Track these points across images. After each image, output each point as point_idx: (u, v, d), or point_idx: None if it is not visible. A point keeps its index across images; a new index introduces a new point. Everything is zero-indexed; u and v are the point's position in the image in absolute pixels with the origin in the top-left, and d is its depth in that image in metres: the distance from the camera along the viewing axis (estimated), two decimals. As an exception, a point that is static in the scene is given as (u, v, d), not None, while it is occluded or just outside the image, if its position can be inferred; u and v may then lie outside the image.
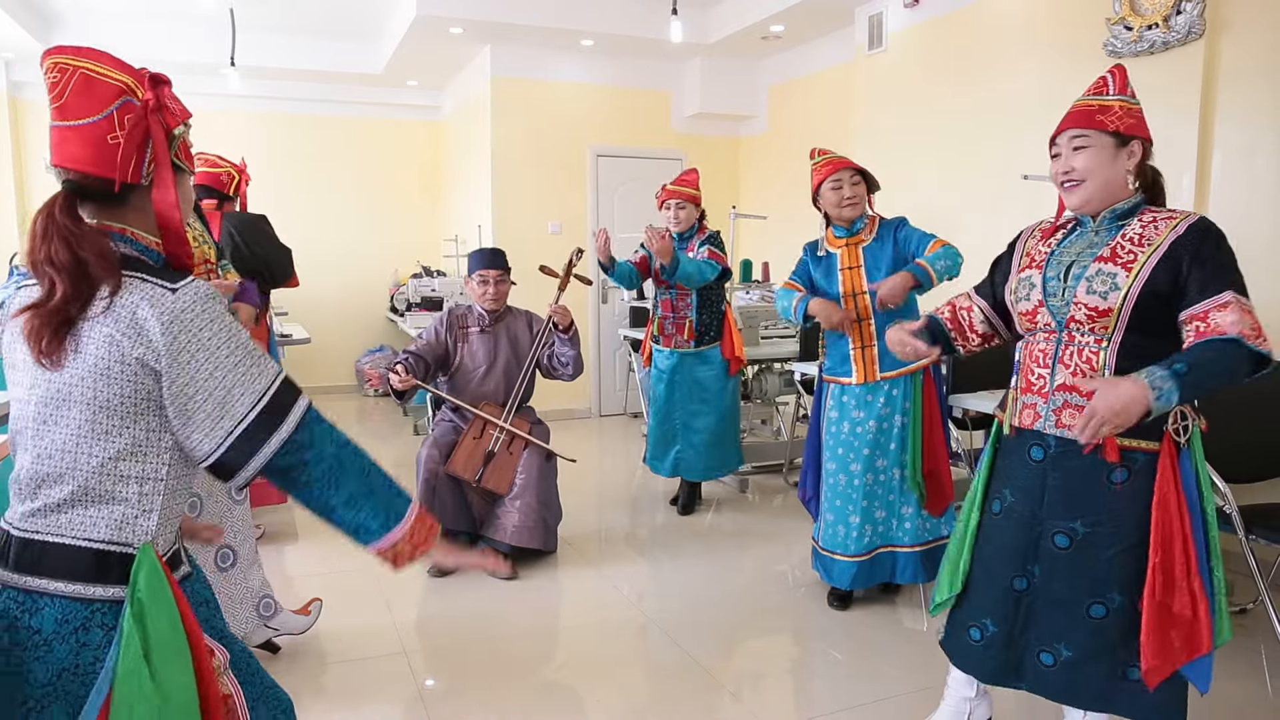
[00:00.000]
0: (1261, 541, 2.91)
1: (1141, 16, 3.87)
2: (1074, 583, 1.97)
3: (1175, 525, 1.85)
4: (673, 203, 4.30)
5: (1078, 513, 1.95)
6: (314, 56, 7.42)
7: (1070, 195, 1.97)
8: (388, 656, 2.97)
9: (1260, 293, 3.65)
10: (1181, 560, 1.85)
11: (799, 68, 6.75)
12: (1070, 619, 1.98)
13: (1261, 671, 2.86)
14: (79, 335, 1.22)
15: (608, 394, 7.41)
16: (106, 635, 1.23)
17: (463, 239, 7.67)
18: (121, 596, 1.23)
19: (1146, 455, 1.89)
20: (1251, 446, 3.17)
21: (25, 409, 1.27)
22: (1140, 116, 1.96)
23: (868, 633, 3.15)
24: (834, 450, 3.30)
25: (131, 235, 1.30)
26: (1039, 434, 2.00)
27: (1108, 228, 1.96)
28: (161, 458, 1.27)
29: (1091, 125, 1.93)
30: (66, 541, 1.23)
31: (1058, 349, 1.97)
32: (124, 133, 1.26)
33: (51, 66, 1.28)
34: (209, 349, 1.23)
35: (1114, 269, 1.89)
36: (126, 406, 1.23)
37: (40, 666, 1.22)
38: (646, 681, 2.90)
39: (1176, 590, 1.85)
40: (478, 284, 3.87)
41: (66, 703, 1.22)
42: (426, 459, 3.71)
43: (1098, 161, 1.92)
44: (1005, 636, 2.09)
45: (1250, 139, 3.62)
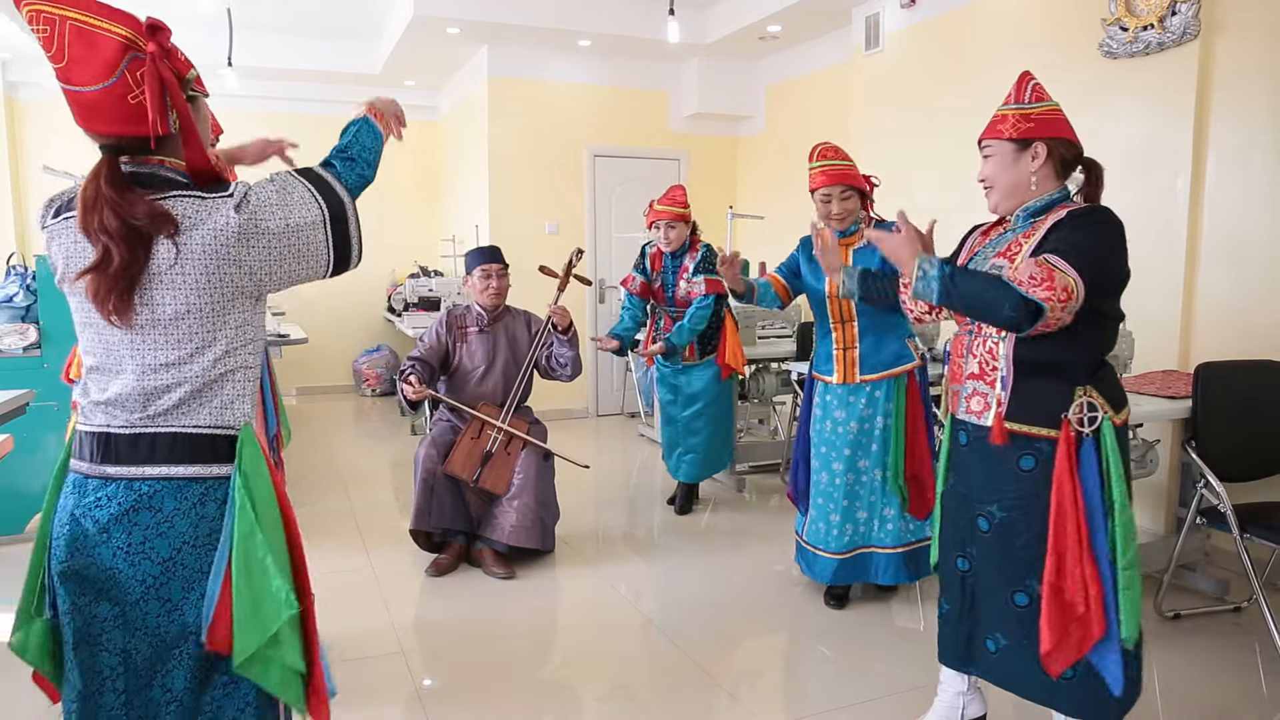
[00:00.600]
0: (1256, 540, 2.93)
1: (1137, 17, 3.88)
2: (999, 569, 2.08)
3: (1068, 512, 1.94)
4: (663, 223, 4.28)
5: (994, 497, 2.06)
6: (311, 57, 7.42)
7: (987, 198, 2.14)
8: (385, 656, 2.97)
9: (1254, 292, 3.70)
10: (1075, 547, 1.93)
11: (796, 68, 6.75)
12: (1000, 607, 2.08)
13: (1256, 670, 2.87)
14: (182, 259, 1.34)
15: (605, 394, 7.41)
16: (219, 508, 1.41)
17: (460, 239, 7.67)
18: (230, 473, 1.41)
19: (1051, 444, 1.98)
20: (1247, 447, 3.19)
21: (111, 337, 1.39)
22: (1042, 118, 2.05)
23: (863, 632, 3.16)
24: (818, 448, 3.33)
25: (169, 165, 1.42)
26: (961, 421, 2.14)
27: (1021, 225, 2.08)
28: (249, 347, 1.45)
29: (991, 135, 2.11)
30: (176, 430, 1.39)
31: (970, 340, 2.12)
32: (142, 90, 1.33)
33: (34, 15, 1.28)
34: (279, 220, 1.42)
35: (1003, 262, 2.01)
36: (224, 306, 1.39)
37: (163, 543, 1.38)
38: (644, 680, 2.90)
39: (1068, 577, 1.93)
40: (480, 279, 3.87)
41: (182, 577, 1.39)
42: (424, 459, 3.71)
43: (999, 167, 2.08)
44: (956, 615, 2.21)
45: (1245, 140, 3.63)
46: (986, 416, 2.05)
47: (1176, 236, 3.82)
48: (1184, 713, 2.62)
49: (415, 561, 3.81)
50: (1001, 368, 2.02)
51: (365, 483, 5.26)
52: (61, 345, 4.04)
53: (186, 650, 1.42)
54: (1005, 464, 2.04)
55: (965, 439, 2.14)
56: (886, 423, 3.21)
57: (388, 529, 4.32)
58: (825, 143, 3.32)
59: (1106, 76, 4.05)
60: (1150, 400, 3.31)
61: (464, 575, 3.71)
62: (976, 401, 2.08)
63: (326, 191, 1.48)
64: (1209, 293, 3.78)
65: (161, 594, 1.39)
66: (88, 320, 1.41)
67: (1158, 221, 3.89)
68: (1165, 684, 2.78)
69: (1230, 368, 3.23)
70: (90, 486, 1.40)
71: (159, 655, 1.41)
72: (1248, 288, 3.64)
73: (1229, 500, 2.98)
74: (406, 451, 5.88)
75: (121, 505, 1.37)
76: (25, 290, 4.15)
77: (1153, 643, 3.05)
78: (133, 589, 1.38)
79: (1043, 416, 1.98)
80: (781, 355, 5.31)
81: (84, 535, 1.38)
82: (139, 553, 1.37)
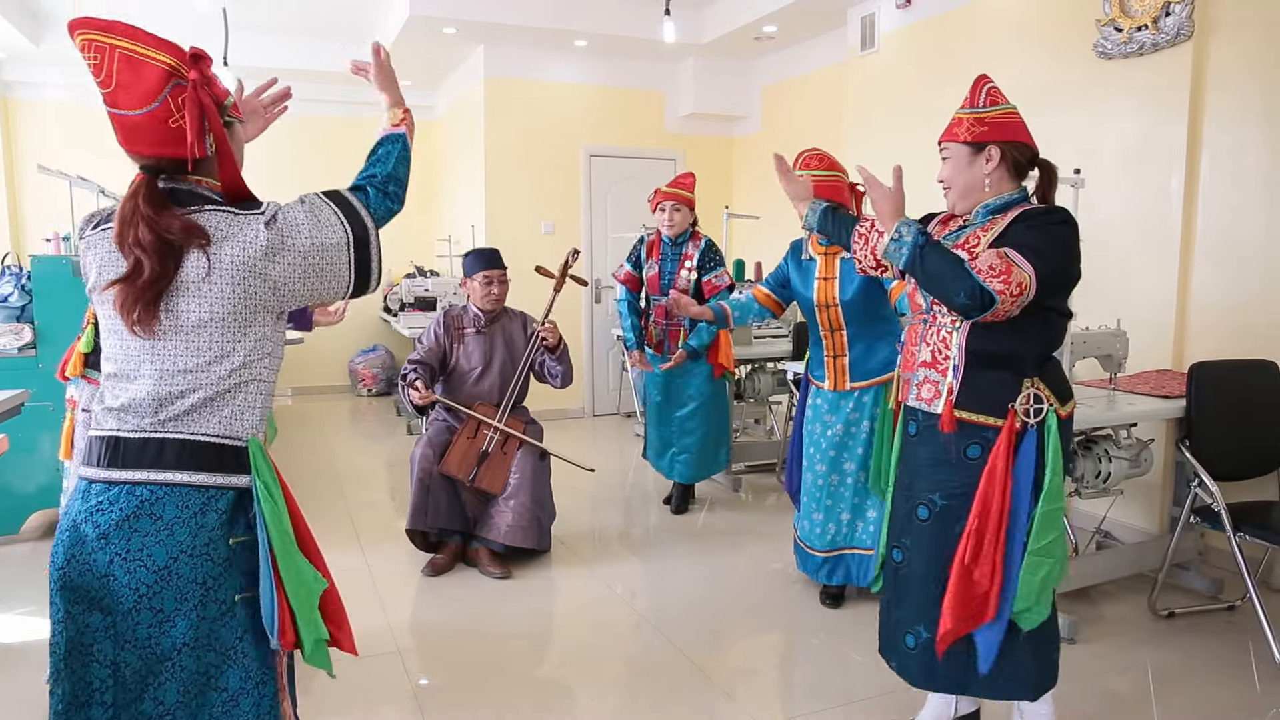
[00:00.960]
0: (1249, 539, 2.94)
1: (1131, 18, 3.89)
2: (931, 556, 2.11)
3: (996, 496, 2.00)
4: (668, 205, 4.30)
5: (938, 486, 2.10)
6: (307, 56, 7.40)
7: (945, 198, 2.20)
8: (382, 655, 2.97)
9: (1248, 291, 3.71)
10: (994, 532, 1.99)
11: (792, 68, 6.76)
12: (926, 596, 2.11)
13: (1249, 668, 2.88)
14: (211, 270, 1.40)
15: (601, 394, 7.41)
16: (219, 518, 1.42)
17: (456, 239, 7.67)
18: (233, 484, 1.44)
19: (997, 433, 2.03)
20: (1240, 446, 3.20)
21: (132, 345, 1.43)
22: (996, 122, 2.11)
23: (860, 630, 3.17)
24: (807, 448, 3.38)
25: (205, 184, 1.48)
26: (912, 409, 2.18)
27: (981, 220, 2.13)
28: (265, 363, 1.49)
29: (947, 137, 2.17)
30: (185, 438, 1.42)
31: (924, 329, 2.17)
32: (182, 114, 1.41)
33: (86, 44, 1.38)
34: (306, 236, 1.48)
35: (962, 255, 2.03)
36: (246, 318, 1.43)
37: (161, 550, 1.39)
38: (640, 679, 2.91)
39: (982, 558, 2.00)
40: (481, 284, 3.86)
41: (175, 587, 1.40)
42: (421, 458, 3.72)
43: (954, 169, 2.15)
44: (886, 607, 2.27)
45: (1239, 139, 3.65)
46: (937, 404, 2.09)
47: (1171, 236, 3.83)
48: (1178, 709, 2.63)
49: (411, 561, 3.81)
50: (954, 357, 2.07)
51: (361, 483, 5.26)
52: (56, 345, 4.03)
53: (180, 663, 1.42)
54: (955, 453, 2.08)
55: (915, 429, 2.18)
56: (872, 425, 3.23)
57: (384, 529, 4.32)
58: (812, 150, 3.30)
59: (1101, 77, 4.06)
60: (1145, 400, 3.33)
61: (460, 575, 3.71)
62: (927, 389, 2.13)
63: (353, 217, 1.54)
64: (1203, 292, 3.79)
65: (154, 603, 1.40)
66: (113, 328, 1.45)
67: (1152, 221, 3.91)
68: (1159, 681, 2.79)
69: (1224, 367, 3.24)
70: (94, 491, 1.41)
71: (149, 668, 1.42)
72: (1242, 287, 3.66)
73: (1222, 499, 3.00)
74: (402, 451, 5.88)
75: (123, 510, 1.39)
76: (20, 290, 4.14)
77: (1147, 641, 3.07)
78: (125, 597, 1.39)
79: (991, 406, 2.04)
80: (777, 355, 5.32)
81: (82, 541, 1.40)
82: (135, 559, 1.38)
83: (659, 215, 4.34)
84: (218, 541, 1.42)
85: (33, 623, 3.22)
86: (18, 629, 3.19)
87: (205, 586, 1.42)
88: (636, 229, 6.57)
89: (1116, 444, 3.25)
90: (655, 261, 4.42)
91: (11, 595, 3.47)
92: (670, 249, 4.37)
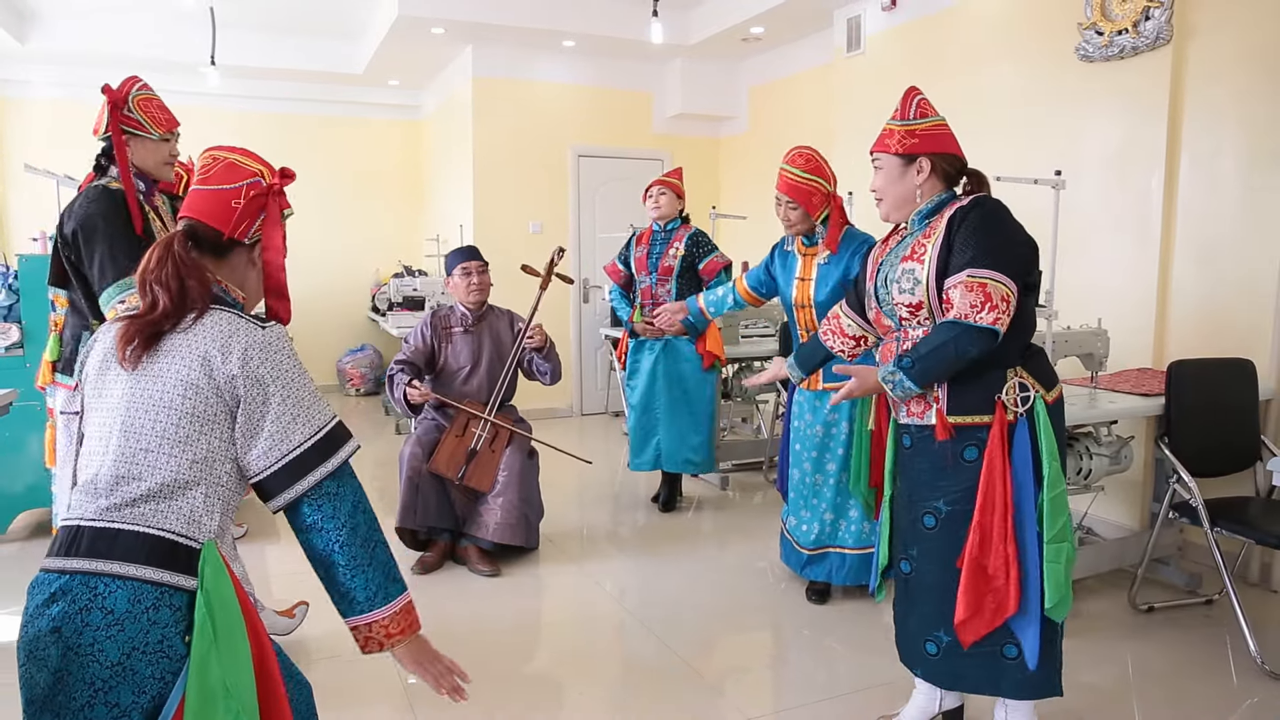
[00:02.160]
0: (1226, 534, 2.99)
1: (1112, 22, 3.95)
2: (942, 561, 2.12)
3: (998, 488, 2.02)
4: (655, 189, 4.41)
5: (941, 493, 2.12)
6: (294, 55, 7.40)
7: (878, 208, 2.24)
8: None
9: (1226, 291, 3.77)
10: (1001, 523, 2.01)
11: (779, 69, 6.80)
12: (944, 601, 2.11)
13: (1227, 660, 2.93)
14: (175, 349, 1.43)
15: (589, 393, 7.44)
16: (174, 615, 1.35)
17: (444, 238, 7.68)
18: (185, 585, 1.37)
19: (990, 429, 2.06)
20: (1218, 443, 3.26)
21: (110, 418, 1.44)
22: (926, 134, 2.15)
23: (846, 626, 3.20)
24: (793, 445, 3.44)
25: (224, 285, 1.56)
26: (903, 425, 2.21)
27: (918, 227, 2.17)
28: (225, 467, 1.45)
29: (879, 149, 2.21)
30: (140, 529, 1.37)
31: (898, 345, 2.19)
32: (243, 202, 1.56)
33: (210, 159, 1.61)
34: (284, 381, 1.46)
35: (913, 265, 2.10)
36: (206, 417, 1.42)
37: (112, 645, 1.32)
38: (629, 676, 2.94)
39: (992, 551, 2.01)
40: (460, 276, 3.89)
41: (133, 683, 1.33)
42: (409, 457, 3.73)
43: (887, 180, 2.19)
44: (901, 618, 2.28)
45: (1216, 142, 3.71)
46: (929, 416, 2.11)
47: (1151, 236, 3.89)
48: (1156, 702, 2.68)
49: (400, 559, 3.80)
50: None
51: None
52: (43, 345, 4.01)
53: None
54: (949, 458, 2.10)
55: (909, 441, 2.20)
56: (851, 427, 3.28)
57: (373, 528, 4.32)
58: (801, 149, 3.33)
59: (1083, 80, 4.11)
60: (1125, 398, 3.38)
61: (449, 572, 3.73)
62: (916, 404, 2.15)
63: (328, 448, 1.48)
64: (1182, 291, 3.85)
65: (110, 698, 1.32)
66: (95, 403, 1.48)
67: (1133, 221, 3.96)
68: (1139, 675, 2.84)
69: (1201, 366, 3.30)
70: (48, 581, 1.37)
71: None
72: (1219, 286, 3.72)
73: (1200, 495, 3.05)
74: (391, 450, 5.88)
75: (76, 603, 1.33)
76: (7, 290, 4.13)
77: (1127, 635, 3.12)
78: (80, 692, 1.31)
79: (980, 404, 2.06)
80: (764, 354, 5.35)
81: (38, 638, 1.35)
82: (88, 654, 1.31)
83: (649, 201, 4.44)
84: (173, 639, 1.34)
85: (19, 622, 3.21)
86: (6, 628, 3.19)
87: (163, 683, 1.34)
88: (624, 229, 6.60)
89: (1097, 441, 3.30)
90: (644, 246, 4.49)
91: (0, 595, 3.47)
92: (660, 235, 4.44)
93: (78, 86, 7.21)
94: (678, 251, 4.36)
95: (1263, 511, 3.12)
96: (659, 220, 4.43)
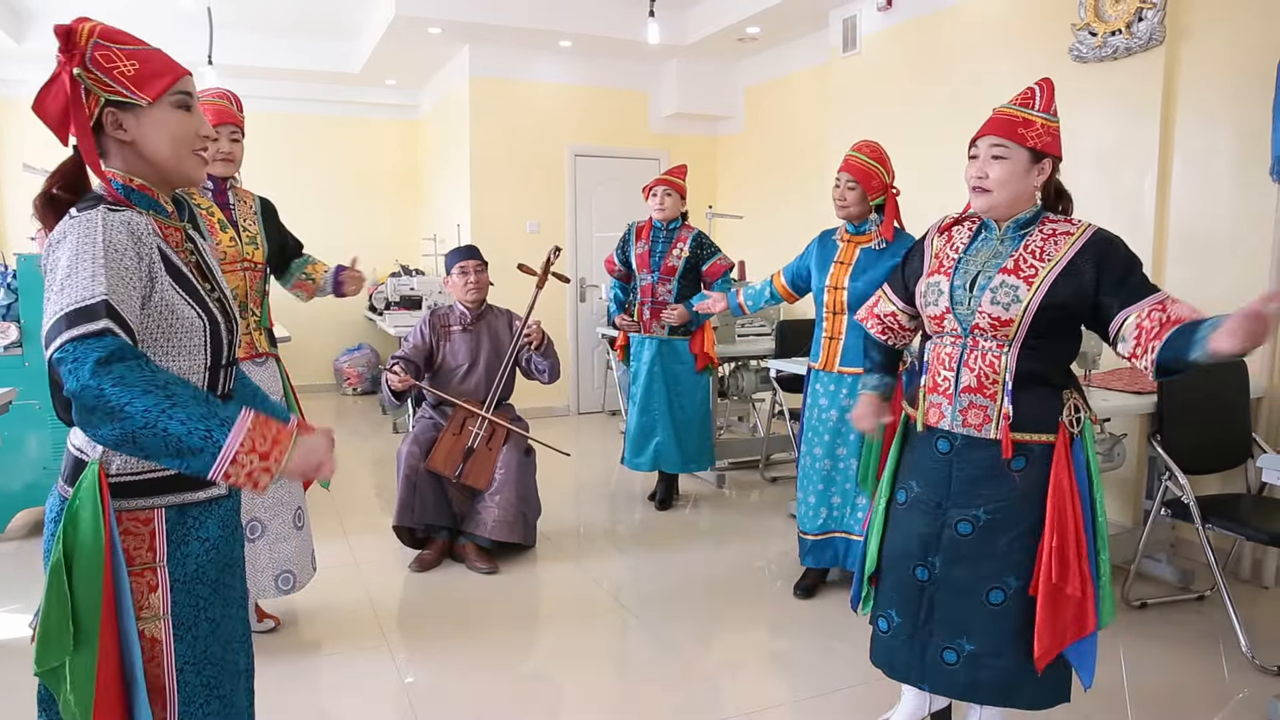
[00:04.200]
0: (1217, 530, 3.02)
1: (1105, 23, 3.98)
2: (975, 568, 2.04)
3: (1069, 510, 1.96)
4: (660, 189, 4.42)
5: (980, 501, 2.03)
6: (292, 55, 7.41)
7: (978, 199, 2.02)
8: (371, 650, 3.01)
9: (1218, 291, 3.80)
10: (1074, 544, 1.95)
11: (775, 69, 6.83)
12: (971, 607, 2.05)
13: (1218, 655, 2.96)
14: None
15: (586, 392, 7.46)
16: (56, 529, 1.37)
17: (441, 238, 7.69)
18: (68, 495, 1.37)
19: (1041, 447, 2.00)
20: (1209, 441, 3.29)
21: None
22: (1057, 134, 2.01)
23: (840, 622, 3.23)
24: (806, 431, 3.46)
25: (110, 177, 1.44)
26: (947, 431, 2.08)
27: (1012, 237, 2.02)
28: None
29: (1013, 137, 1.97)
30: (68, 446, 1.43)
31: (963, 353, 2.04)
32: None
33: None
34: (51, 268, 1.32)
35: (1016, 282, 1.95)
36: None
37: (45, 542, 1.41)
38: (626, 673, 2.96)
39: (1070, 573, 1.95)
40: (458, 275, 3.91)
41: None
42: (407, 455, 3.75)
43: (1011, 173, 1.97)
44: (909, 629, 2.14)
45: (1208, 142, 3.73)
46: (988, 429, 2.01)
47: (1144, 235, 3.92)
48: (1149, 697, 2.70)
49: (398, 558, 3.84)
50: (1004, 380, 1.98)
51: (348, 481, 5.28)
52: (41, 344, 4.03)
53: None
54: (997, 468, 2.02)
55: (948, 447, 2.08)
56: None
57: (371, 526, 4.34)
58: (868, 140, 3.38)
59: (1077, 80, 4.14)
60: (1118, 395, 3.40)
61: (447, 570, 3.74)
62: (974, 415, 2.03)
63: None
64: (1174, 290, 3.82)
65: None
66: None
67: (1126, 220, 3.98)
68: (1131, 670, 2.86)
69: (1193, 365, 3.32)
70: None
71: None
72: (1211, 287, 3.75)
73: (1192, 492, 3.08)
74: (388, 449, 5.90)
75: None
76: (6, 289, 4.14)
77: (1120, 631, 3.14)
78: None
79: (1041, 423, 1.99)
80: (761, 353, 5.38)
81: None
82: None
83: (652, 200, 4.45)
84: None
85: (21, 620, 3.23)
86: (5, 626, 3.20)
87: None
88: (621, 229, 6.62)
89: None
90: (645, 242, 4.49)
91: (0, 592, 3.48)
92: (662, 233, 4.46)
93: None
94: (682, 252, 4.38)
95: (1254, 508, 3.15)
96: (662, 220, 4.45)
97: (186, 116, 1.44)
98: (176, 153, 1.43)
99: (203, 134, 1.46)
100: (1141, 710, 2.62)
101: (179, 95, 1.42)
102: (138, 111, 1.39)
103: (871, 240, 3.30)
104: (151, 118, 1.40)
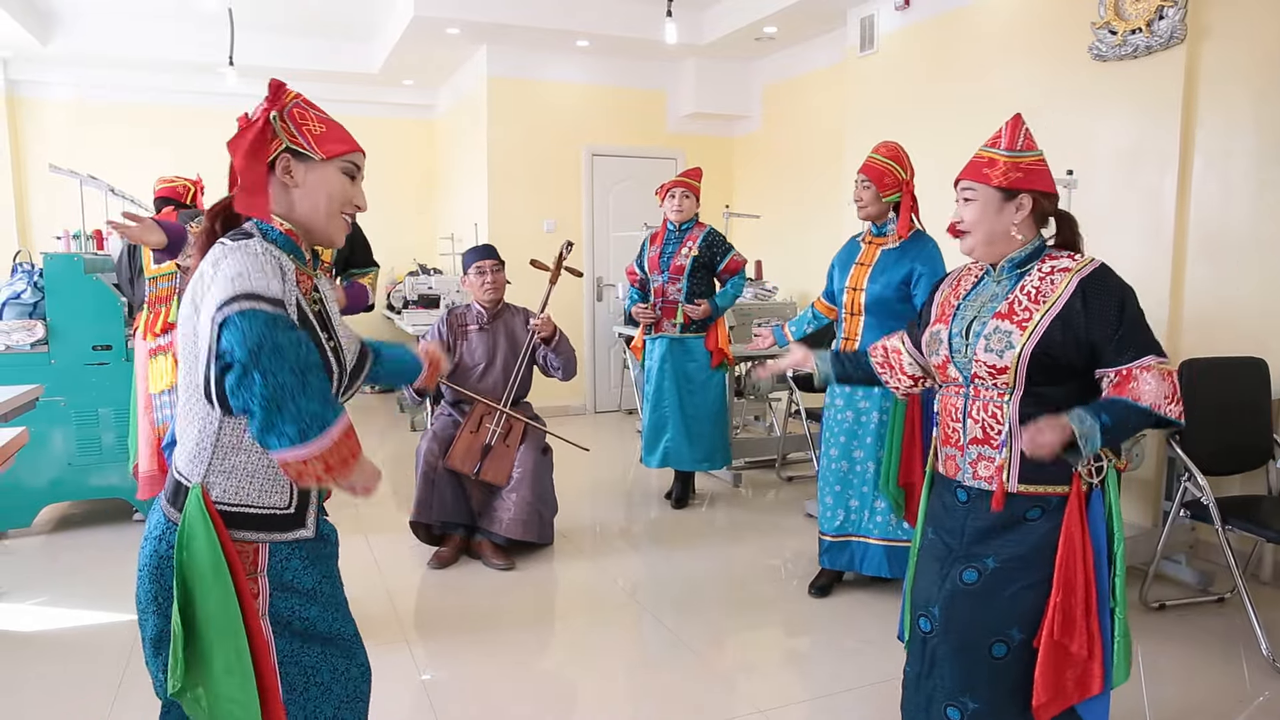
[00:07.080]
0: (1237, 532, 3.01)
1: (1125, 21, 3.95)
2: (977, 620, 1.96)
3: (1078, 566, 1.87)
4: (677, 191, 4.45)
5: (991, 549, 1.95)
6: (311, 56, 7.47)
7: (960, 243, 2.00)
8: (390, 646, 3.04)
9: (1237, 291, 3.78)
10: (1082, 601, 1.87)
11: (792, 68, 6.82)
12: (974, 663, 1.97)
13: (1238, 658, 2.94)
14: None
15: (603, 390, 7.48)
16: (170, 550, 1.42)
17: (459, 237, 7.73)
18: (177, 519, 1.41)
19: (1059, 498, 1.89)
20: (1229, 442, 3.26)
21: None
22: (1031, 169, 1.92)
23: (854, 621, 3.23)
24: (824, 432, 3.47)
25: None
26: (962, 484, 2.01)
27: (1008, 277, 1.96)
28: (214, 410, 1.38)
29: (977, 178, 1.95)
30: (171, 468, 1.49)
31: (966, 403, 1.98)
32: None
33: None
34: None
35: (1010, 327, 1.88)
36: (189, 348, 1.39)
37: (141, 554, 1.48)
38: (642, 671, 2.97)
39: (1075, 631, 1.87)
40: (475, 275, 3.94)
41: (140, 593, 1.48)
42: (426, 452, 3.78)
43: (981, 214, 1.94)
44: (916, 677, 2.10)
45: (1228, 141, 3.71)
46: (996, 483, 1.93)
47: (1164, 235, 3.90)
48: (1168, 700, 2.69)
49: (416, 555, 3.88)
50: (1006, 428, 1.90)
51: (366, 478, 5.31)
52: (68, 341, 4.09)
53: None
54: (1011, 517, 1.93)
55: (965, 497, 2.00)
56: (882, 419, 3.29)
57: (389, 523, 4.38)
58: (888, 141, 3.38)
59: (1096, 79, 4.12)
60: (1136, 396, 3.38)
61: (465, 567, 3.77)
62: (984, 467, 1.95)
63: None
64: (1194, 290, 3.85)
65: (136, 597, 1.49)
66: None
67: (1145, 220, 3.97)
68: (1150, 673, 2.85)
69: (1213, 364, 3.30)
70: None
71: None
72: (1231, 285, 3.72)
73: (1212, 494, 3.06)
74: (406, 447, 5.94)
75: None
76: (33, 287, 4.20)
77: (1138, 633, 3.12)
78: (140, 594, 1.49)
79: (1055, 475, 1.88)
80: (778, 352, 5.37)
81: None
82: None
83: (669, 202, 4.48)
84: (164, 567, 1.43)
85: (46, 613, 3.29)
86: (32, 619, 3.26)
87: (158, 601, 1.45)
88: (638, 228, 6.64)
89: (1109, 440, 3.30)
90: (658, 246, 4.53)
91: (25, 586, 3.53)
92: (674, 234, 4.50)
93: (98, 87, 7.30)
94: (690, 251, 4.41)
95: (1275, 510, 3.13)
96: (678, 221, 4.47)
97: (348, 183, 1.56)
98: (330, 210, 1.54)
99: (356, 202, 1.58)
100: (1159, 714, 2.61)
101: (348, 163, 1.56)
102: (309, 163, 1.52)
103: (889, 243, 3.30)
104: (320, 173, 1.52)
